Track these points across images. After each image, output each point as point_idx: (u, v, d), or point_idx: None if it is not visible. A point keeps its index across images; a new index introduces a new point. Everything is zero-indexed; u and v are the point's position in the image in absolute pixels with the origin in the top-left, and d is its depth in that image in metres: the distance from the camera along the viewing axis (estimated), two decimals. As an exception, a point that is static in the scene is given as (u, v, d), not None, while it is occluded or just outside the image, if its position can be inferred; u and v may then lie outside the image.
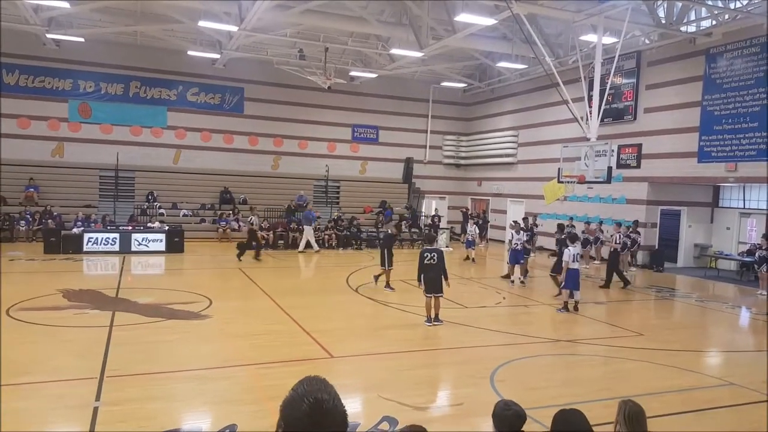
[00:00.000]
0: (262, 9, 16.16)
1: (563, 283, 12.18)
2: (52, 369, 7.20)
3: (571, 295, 12.07)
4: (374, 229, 24.12)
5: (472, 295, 13.80)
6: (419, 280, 10.46)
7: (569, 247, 12.12)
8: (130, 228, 19.53)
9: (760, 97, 16.28)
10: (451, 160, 30.23)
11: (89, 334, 8.90)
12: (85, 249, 18.06)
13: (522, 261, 14.71)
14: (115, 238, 18.57)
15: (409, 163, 28.88)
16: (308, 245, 21.05)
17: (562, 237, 13.98)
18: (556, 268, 13.34)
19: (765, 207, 19.00)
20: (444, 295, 10.50)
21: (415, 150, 29.32)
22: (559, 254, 13.59)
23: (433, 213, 27.02)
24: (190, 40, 23.25)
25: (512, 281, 15.42)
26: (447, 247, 22.54)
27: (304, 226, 21.33)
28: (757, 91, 16.34)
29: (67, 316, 9.93)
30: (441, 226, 25.54)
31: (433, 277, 10.31)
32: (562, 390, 7.22)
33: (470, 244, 19.99)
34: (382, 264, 13.62)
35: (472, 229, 20.40)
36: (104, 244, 18.39)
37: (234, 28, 18.76)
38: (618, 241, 16.03)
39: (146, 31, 22.19)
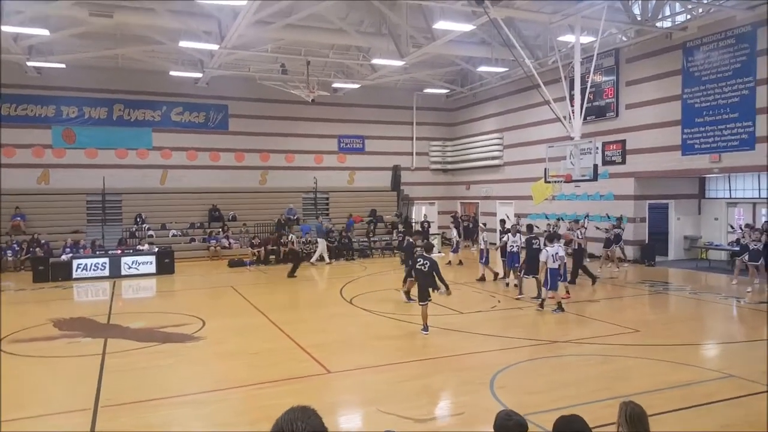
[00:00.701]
0: (242, 26, 16.17)
1: (545, 283, 12.18)
2: (46, 401, 7.10)
3: (541, 291, 12.40)
4: (365, 239, 24.09)
5: (467, 300, 13.77)
6: (404, 281, 10.52)
7: (547, 248, 12.15)
8: (119, 252, 19.35)
9: (738, 88, 16.48)
10: (439, 166, 30.34)
11: (82, 363, 8.78)
12: (74, 276, 17.87)
13: (517, 264, 14.64)
14: (105, 263, 18.39)
15: (396, 170, 28.92)
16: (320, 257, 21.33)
17: (530, 237, 14.06)
18: (530, 269, 13.39)
19: (750, 196, 19.21)
20: (431, 301, 10.45)
21: (402, 157, 29.39)
22: (527, 253, 13.75)
23: (422, 219, 27.04)
24: (172, 60, 23.20)
25: (507, 284, 15.43)
26: (439, 252, 22.51)
27: (318, 239, 21.57)
28: (735, 82, 16.54)
29: (59, 346, 9.79)
30: (432, 232, 25.56)
31: (422, 284, 10.41)
32: (563, 392, 7.20)
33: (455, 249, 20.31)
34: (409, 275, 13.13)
35: (454, 233, 20.56)
36: (94, 269, 18.20)
37: (215, 47, 18.75)
38: (581, 237, 16.42)
39: (127, 54, 22.11)
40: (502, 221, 16.27)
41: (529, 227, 15.00)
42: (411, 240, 14.49)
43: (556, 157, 16.97)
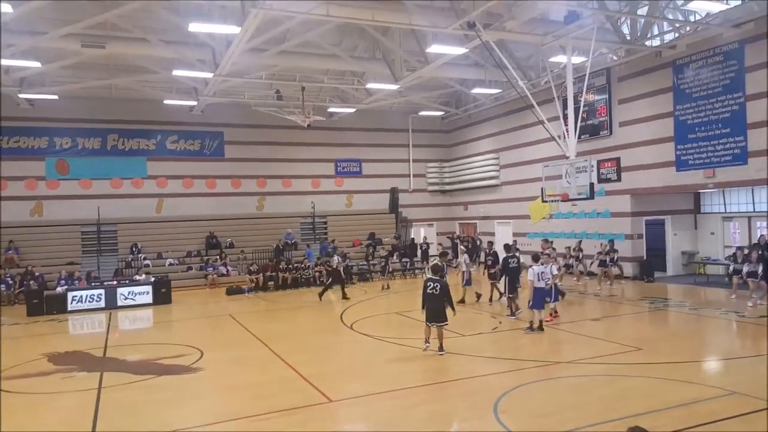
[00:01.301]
0: (235, 54, 16.29)
1: (530, 302, 12.14)
2: (40, 440, 6.93)
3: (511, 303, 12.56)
4: (365, 263, 23.99)
5: (468, 322, 13.64)
6: (423, 308, 10.43)
7: (533, 267, 12.16)
8: (115, 283, 19.17)
9: (729, 104, 16.64)
10: (436, 187, 30.44)
11: (77, 398, 8.61)
12: (69, 308, 17.66)
13: (519, 285, 14.46)
14: (100, 295, 18.20)
15: (394, 193, 28.97)
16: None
17: (507, 255, 14.18)
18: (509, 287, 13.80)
19: (745, 210, 19.27)
20: (448, 323, 10.39)
21: (400, 179, 29.48)
22: (505, 272, 14.15)
23: (421, 240, 26.99)
24: (166, 89, 23.33)
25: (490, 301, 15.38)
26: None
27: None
28: (726, 98, 16.71)
29: (54, 381, 9.62)
30: (431, 253, 25.49)
31: (433, 307, 10.28)
32: (568, 415, 7.09)
33: (467, 281, 16.35)
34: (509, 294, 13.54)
35: (463, 259, 16.62)
36: (89, 301, 18.00)
37: (209, 75, 18.86)
38: (553, 256, 16.17)
39: (120, 84, 22.24)
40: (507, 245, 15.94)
41: (507, 246, 15.04)
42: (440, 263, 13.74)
43: (552, 176, 17.02)
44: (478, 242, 24.30)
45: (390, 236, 27.27)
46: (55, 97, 21.81)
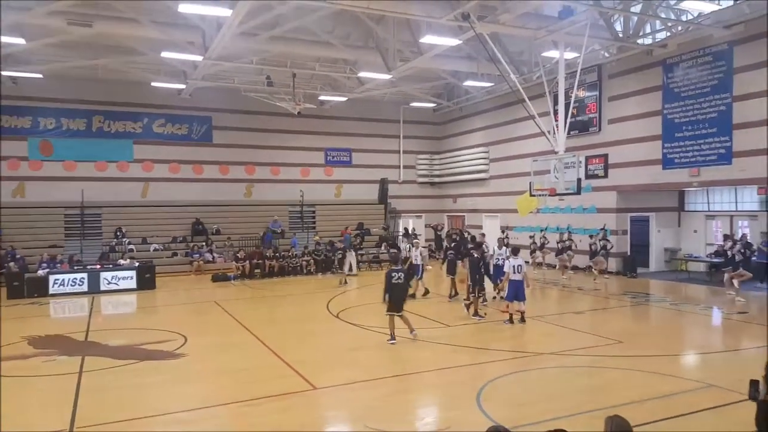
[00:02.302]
0: (226, 38, 16.09)
1: (505, 294, 12.33)
2: (21, 424, 6.83)
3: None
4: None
5: (453, 313, 13.72)
6: (384, 299, 10.61)
7: (510, 259, 12.28)
8: (98, 267, 18.98)
9: (716, 104, 16.80)
10: (426, 179, 30.45)
11: (57, 382, 8.53)
12: (51, 292, 17.45)
13: (502, 277, 14.52)
14: (83, 278, 18.01)
15: (383, 183, 28.92)
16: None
17: (472, 248, 14.18)
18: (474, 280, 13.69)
19: (728, 209, 19.53)
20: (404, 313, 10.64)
21: (389, 170, 29.43)
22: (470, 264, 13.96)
23: (409, 232, 26.97)
24: (154, 71, 23.00)
25: (494, 297, 15.38)
26: (427, 266, 22.45)
27: (347, 251, 21.24)
28: (713, 98, 16.86)
29: (35, 365, 9.52)
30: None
31: (399, 297, 10.53)
32: (549, 405, 7.18)
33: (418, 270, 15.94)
34: (472, 291, 13.02)
35: (417, 251, 16.29)
36: (71, 285, 17.80)
37: (198, 58, 18.62)
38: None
39: (107, 64, 21.87)
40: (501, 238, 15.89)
41: (473, 239, 15.14)
42: (476, 255, 13.37)
43: (540, 171, 17.11)
44: (466, 235, 24.34)
45: (378, 227, 27.27)
46: (40, 75, 21.42)
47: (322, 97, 25.75)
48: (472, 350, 10.10)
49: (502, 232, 20.80)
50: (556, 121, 16.25)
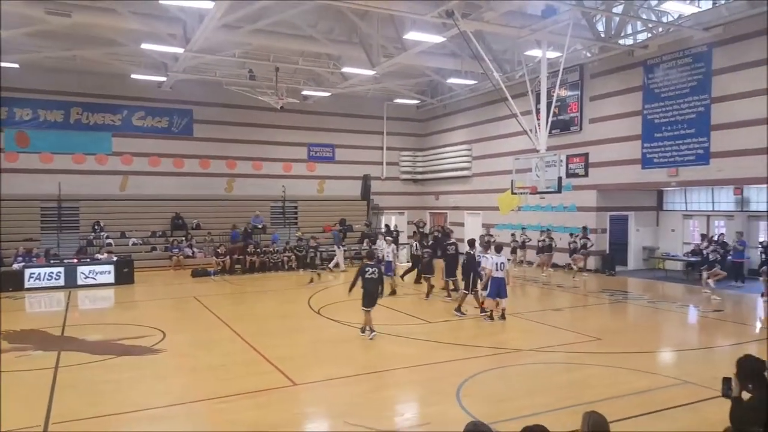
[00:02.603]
0: (208, 30, 15.90)
1: (487, 291, 12.36)
2: (-7, 419, 6.71)
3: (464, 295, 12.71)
4: (333, 249, 23.87)
5: (434, 309, 13.78)
6: (351, 290, 10.96)
7: (491, 256, 12.32)
8: (75, 261, 18.68)
9: (694, 105, 17.05)
10: (408, 176, 30.48)
11: (32, 378, 8.38)
12: (26, 286, 17.15)
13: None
14: (60, 273, 17.71)
15: (366, 180, 28.88)
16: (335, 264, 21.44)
17: (448, 242, 14.78)
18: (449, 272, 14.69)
19: (705, 209, 19.87)
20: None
21: (372, 167, 29.39)
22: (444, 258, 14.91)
23: (392, 228, 26.98)
24: (134, 63, 22.65)
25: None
26: (408, 261, 22.51)
27: (337, 247, 21.53)
28: (692, 99, 17.12)
29: (8, 360, 9.32)
30: (401, 242, 25.52)
31: (371, 291, 10.70)
32: (528, 401, 7.25)
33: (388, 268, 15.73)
34: (466, 287, 13.06)
35: (389, 248, 16.55)
36: (48, 279, 17.50)
37: (179, 50, 18.36)
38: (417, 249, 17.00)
39: (86, 55, 21.45)
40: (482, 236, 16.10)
41: (445, 233, 15.30)
42: (471, 252, 13.47)
43: (522, 169, 17.24)
44: (448, 231, 24.42)
45: (361, 223, 27.23)
46: (16, 65, 20.95)
47: (305, 92, 25.60)
48: (452, 346, 10.13)
49: (486, 230, 20.91)
50: (538, 119, 16.36)
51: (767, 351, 9.20)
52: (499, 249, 12.63)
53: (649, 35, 17.91)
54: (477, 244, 15.51)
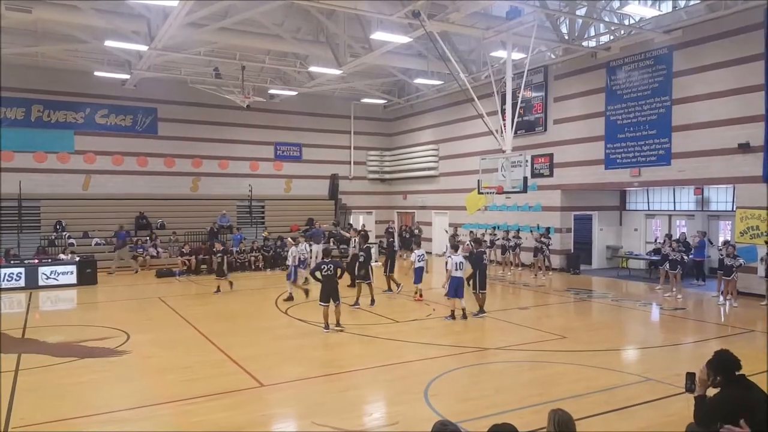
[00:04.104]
0: (173, 28, 15.65)
1: (447, 291, 12.47)
2: (-53, 425, 6.50)
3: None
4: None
5: (402, 309, 13.86)
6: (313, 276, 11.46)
7: (452, 256, 12.47)
8: (36, 261, 18.18)
9: (656, 106, 17.53)
10: (376, 175, 30.54)
11: (-9, 382, 8.13)
12: (-16, 287, 16.62)
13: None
14: (20, 273, 17.21)
15: (334, 179, 28.83)
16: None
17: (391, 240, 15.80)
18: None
19: (667, 208, 20.45)
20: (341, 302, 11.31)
21: (340, 166, 29.36)
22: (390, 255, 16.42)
23: (360, 227, 26.98)
24: (97, 61, 22.15)
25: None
26: (375, 261, 22.56)
27: (313, 245, 20.74)
28: (654, 101, 17.59)
29: (-35, 364, 9.04)
30: (370, 241, 25.54)
31: (330, 287, 11.01)
32: (495, 399, 7.35)
33: (290, 275, 15.35)
34: (475, 288, 12.80)
35: (296, 249, 16.17)
36: (7, 280, 16.98)
37: (144, 48, 18.02)
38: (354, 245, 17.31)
39: (48, 52, 20.90)
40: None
41: (413, 233, 15.53)
42: (480, 250, 13.35)
43: (489, 169, 17.42)
44: (416, 231, 24.56)
45: (329, 223, 27.14)
46: (-27, 61, 20.27)
47: (271, 91, 25.41)
48: (420, 346, 10.21)
49: (455, 231, 21.07)
50: (504, 120, 16.58)
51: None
52: (456, 248, 12.78)
53: (612, 37, 18.35)
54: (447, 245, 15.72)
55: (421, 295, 14.71)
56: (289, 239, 17.72)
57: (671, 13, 16.95)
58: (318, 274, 11.23)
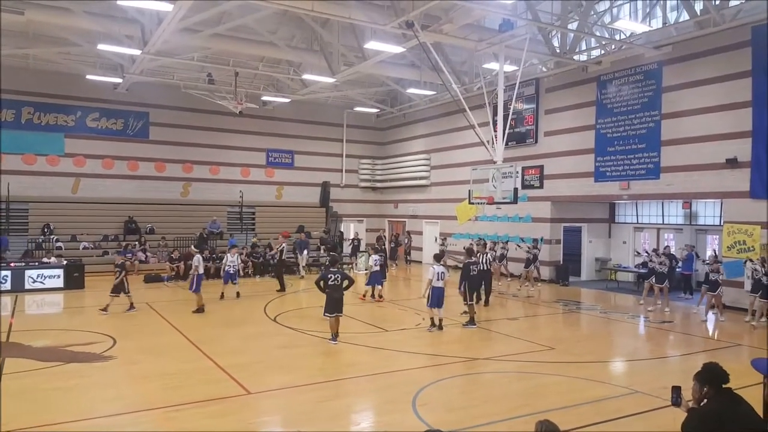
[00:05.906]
0: (167, 33, 15.64)
1: (428, 301, 12.30)
2: (-73, 430, 6.40)
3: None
4: (293, 256, 23.67)
5: (392, 317, 13.85)
6: (318, 285, 11.11)
7: (434, 266, 12.39)
8: (23, 264, 17.99)
9: (645, 120, 17.72)
10: (368, 184, 30.59)
11: (-27, 386, 8.02)
12: (-31, 290, 16.40)
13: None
14: (6, 276, 17.00)
15: (325, 187, 28.83)
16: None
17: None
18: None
19: (655, 221, 20.62)
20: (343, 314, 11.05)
21: (332, 174, 29.38)
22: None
23: (353, 236, 27.03)
24: (89, 64, 22.07)
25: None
26: (366, 270, 22.53)
27: (298, 253, 21.65)
28: (643, 115, 17.78)
29: (-53, 368, 8.91)
30: (361, 249, 25.55)
31: (337, 298, 10.76)
32: (483, 409, 7.35)
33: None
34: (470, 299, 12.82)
35: (233, 257, 16.66)
36: (-7, 283, 16.80)
37: (137, 52, 17.98)
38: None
39: (40, 55, 20.81)
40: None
41: (398, 242, 15.61)
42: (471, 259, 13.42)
43: (479, 180, 17.48)
44: (401, 239, 24.59)
45: (320, 230, 27.13)
46: (-36, 62, 20.12)
47: (264, 98, 25.45)
48: (409, 355, 10.20)
49: (442, 240, 21.10)
50: (495, 131, 16.68)
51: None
52: (438, 258, 12.74)
53: (603, 52, 18.57)
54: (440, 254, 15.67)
55: (372, 296, 16.00)
56: (236, 248, 17.51)
57: (661, 29, 17.19)
58: (323, 284, 10.94)
